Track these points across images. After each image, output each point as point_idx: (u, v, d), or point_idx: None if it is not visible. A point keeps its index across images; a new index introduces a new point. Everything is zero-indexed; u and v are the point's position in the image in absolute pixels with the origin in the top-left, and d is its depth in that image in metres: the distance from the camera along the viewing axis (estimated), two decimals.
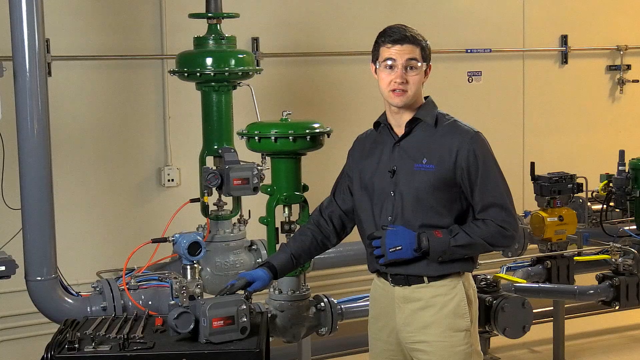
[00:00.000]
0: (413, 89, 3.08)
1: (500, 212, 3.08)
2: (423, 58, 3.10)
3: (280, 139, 3.53)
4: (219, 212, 4.37)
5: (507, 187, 3.14)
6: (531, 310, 4.42)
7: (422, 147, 3.11)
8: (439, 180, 3.07)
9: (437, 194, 3.08)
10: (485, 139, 3.14)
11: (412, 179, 3.10)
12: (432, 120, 3.12)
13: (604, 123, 7.07)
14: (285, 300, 3.70)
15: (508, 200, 3.11)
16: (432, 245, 3.04)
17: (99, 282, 3.94)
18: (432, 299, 3.11)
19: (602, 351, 5.73)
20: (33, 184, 3.75)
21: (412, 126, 3.14)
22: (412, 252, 3.06)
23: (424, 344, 3.12)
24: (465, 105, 6.42)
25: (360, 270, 5.79)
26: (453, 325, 3.10)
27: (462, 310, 3.12)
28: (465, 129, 3.12)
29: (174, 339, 3.19)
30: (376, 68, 3.13)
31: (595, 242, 5.19)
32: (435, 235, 3.05)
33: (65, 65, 5.21)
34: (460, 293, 3.12)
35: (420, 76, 3.10)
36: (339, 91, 6.01)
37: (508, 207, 3.10)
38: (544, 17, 6.76)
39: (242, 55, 4.36)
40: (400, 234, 3.07)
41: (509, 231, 3.09)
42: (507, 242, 3.15)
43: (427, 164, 3.08)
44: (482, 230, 3.07)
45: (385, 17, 6.05)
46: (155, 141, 5.50)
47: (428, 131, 3.12)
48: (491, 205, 3.08)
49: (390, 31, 3.09)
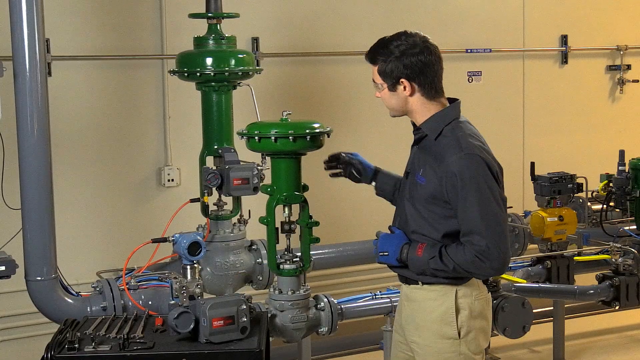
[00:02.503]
0: (389, 105, 3.12)
1: (481, 241, 2.93)
2: (382, 77, 3.06)
3: (280, 139, 3.53)
4: (219, 212, 4.37)
5: (495, 215, 2.95)
6: (531, 310, 4.42)
7: (422, 159, 3.11)
8: (429, 194, 3.04)
9: (430, 208, 3.06)
10: (478, 161, 2.96)
11: (413, 187, 3.13)
12: (434, 134, 3.07)
13: (604, 123, 7.07)
14: (285, 300, 3.69)
15: (491, 229, 2.93)
16: (410, 261, 3.08)
17: (99, 282, 3.95)
18: (423, 302, 3.14)
19: (602, 351, 5.74)
20: (33, 183, 3.76)
21: (421, 135, 3.12)
22: (395, 260, 3.12)
23: (416, 345, 3.17)
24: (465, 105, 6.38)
25: (360, 270, 5.81)
26: (440, 331, 3.10)
27: (449, 318, 3.08)
28: (458, 147, 2.99)
29: (174, 339, 3.19)
30: None
31: (595, 242, 5.19)
32: (416, 253, 3.05)
33: (65, 65, 5.20)
34: (449, 301, 3.08)
35: (385, 94, 3.10)
36: (339, 91, 6.01)
37: (489, 236, 2.92)
38: (544, 17, 6.76)
39: (242, 55, 4.36)
40: (390, 240, 3.13)
41: (486, 262, 2.93)
42: (486, 273, 3.01)
43: (422, 176, 3.08)
44: (458, 256, 2.98)
45: (385, 17, 6.07)
46: (155, 141, 5.50)
47: (431, 143, 3.09)
48: (470, 232, 2.96)
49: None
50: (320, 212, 3.64)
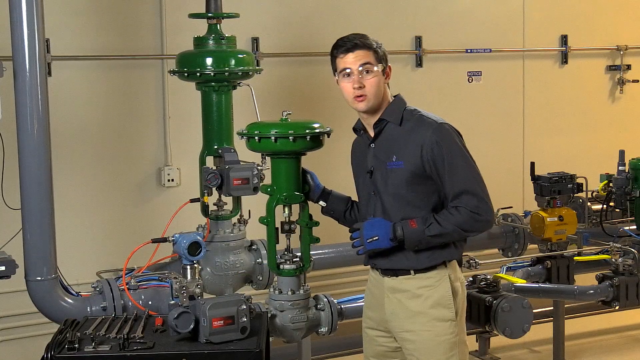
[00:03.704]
0: (372, 91, 3.21)
1: (472, 199, 3.14)
2: (377, 60, 3.21)
3: (280, 139, 3.53)
4: (219, 212, 4.37)
5: (478, 174, 3.19)
6: (531, 310, 4.41)
7: (392, 146, 3.23)
8: (410, 175, 3.18)
9: (412, 189, 3.19)
10: (450, 129, 3.19)
11: (387, 177, 3.23)
12: (397, 119, 3.23)
13: (604, 123, 7.07)
14: (285, 300, 3.69)
15: (479, 186, 3.16)
16: (407, 235, 3.16)
17: (99, 282, 3.94)
18: (418, 289, 3.23)
19: (602, 351, 5.74)
20: (33, 184, 3.76)
21: (381, 127, 3.27)
22: (388, 241, 3.18)
23: (410, 333, 3.24)
24: (465, 105, 6.43)
25: (360, 270, 5.78)
26: (438, 315, 3.21)
27: (447, 301, 3.22)
28: (428, 121, 3.20)
29: (174, 339, 3.19)
30: (337, 79, 3.28)
31: (595, 242, 5.19)
32: (409, 226, 3.16)
33: (65, 65, 5.21)
34: (444, 284, 3.23)
35: (378, 78, 3.22)
36: (339, 91, 5.97)
37: (479, 193, 3.15)
38: (544, 17, 6.76)
39: (242, 55, 4.36)
40: (377, 224, 3.21)
41: (482, 215, 3.15)
42: (482, 227, 3.20)
43: (397, 161, 3.20)
44: (455, 217, 3.14)
45: (385, 17, 6.07)
46: (155, 141, 5.50)
47: (395, 129, 3.24)
48: (461, 192, 3.15)
49: (342, 42, 3.24)
50: (320, 212, 3.64)
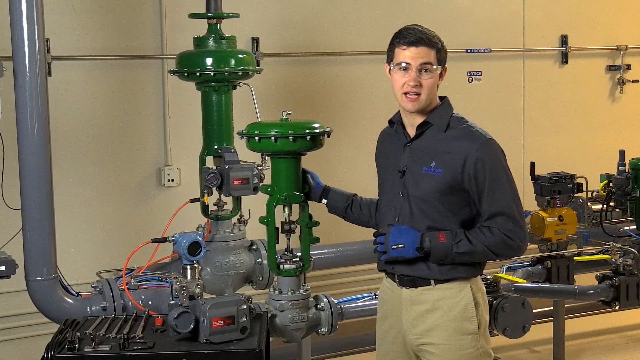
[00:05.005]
0: (426, 92, 3.05)
1: (508, 222, 3.02)
2: (438, 61, 3.05)
3: (280, 139, 3.53)
4: (219, 212, 4.37)
5: (517, 197, 3.06)
6: (531, 310, 4.41)
7: (432, 151, 3.09)
8: (446, 185, 3.04)
9: (445, 199, 3.06)
10: (497, 146, 3.07)
11: (420, 182, 3.09)
12: (444, 125, 3.09)
13: (604, 123, 7.07)
14: (285, 300, 3.69)
15: (516, 210, 3.04)
16: (434, 248, 3.04)
17: (99, 282, 3.94)
18: (438, 301, 3.10)
19: (602, 351, 5.74)
20: (33, 183, 3.75)
21: (424, 129, 3.12)
22: (414, 251, 3.06)
23: (431, 346, 3.12)
24: (465, 105, 6.37)
25: (360, 270, 5.80)
26: (460, 328, 3.09)
27: (470, 314, 3.09)
28: (476, 135, 3.06)
29: (174, 339, 3.19)
30: (390, 69, 3.11)
31: (595, 242, 5.20)
32: (438, 239, 3.03)
33: (65, 65, 5.21)
34: (467, 296, 3.10)
35: (435, 79, 3.06)
36: (339, 91, 6.01)
37: (516, 217, 3.03)
38: (544, 17, 6.77)
39: (242, 55, 4.36)
40: (404, 232, 3.08)
41: (515, 242, 3.03)
42: (512, 253, 3.09)
43: (435, 168, 3.06)
44: (487, 238, 3.03)
45: (385, 17, 6.07)
46: (155, 141, 5.50)
47: (439, 134, 3.09)
48: (498, 213, 3.02)
49: (406, 32, 3.05)
50: (320, 212, 3.64)
